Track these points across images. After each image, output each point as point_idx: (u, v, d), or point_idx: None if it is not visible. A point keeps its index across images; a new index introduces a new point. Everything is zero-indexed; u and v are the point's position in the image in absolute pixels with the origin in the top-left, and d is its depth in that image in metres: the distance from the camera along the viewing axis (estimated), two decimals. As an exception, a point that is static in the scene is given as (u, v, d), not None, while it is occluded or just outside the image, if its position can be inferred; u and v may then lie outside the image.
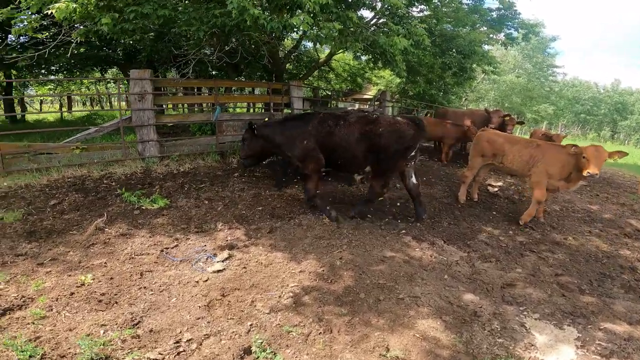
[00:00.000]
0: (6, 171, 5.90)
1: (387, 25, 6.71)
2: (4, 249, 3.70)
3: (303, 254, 3.95)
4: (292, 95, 8.37)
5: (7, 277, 3.17)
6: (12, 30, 5.62)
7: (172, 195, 5.36)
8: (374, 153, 4.67)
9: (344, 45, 6.18)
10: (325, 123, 4.79)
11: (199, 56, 6.53)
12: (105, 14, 5.02)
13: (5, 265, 3.40)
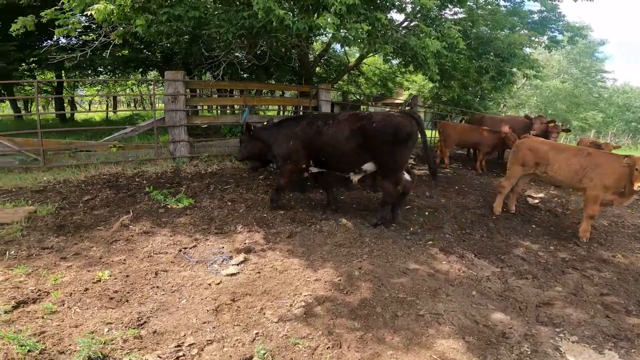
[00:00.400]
0: (47, 166, 6.25)
1: (418, 28, 6.49)
2: (32, 241, 3.84)
3: (321, 262, 3.80)
4: (320, 99, 8.32)
5: (29, 269, 3.27)
6: (56, 31, 5.94)
7: (198, 195, 5.42)
8: (368, 149, 4.55)
9: (373, 48, 6.03)
10: (314, 124, 4.76)
11: (229, 58, 6.61)
12: (139, 16, 5.19)
13: (30, 257, 3.51)
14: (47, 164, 6.32)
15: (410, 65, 8.22)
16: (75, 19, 5.82)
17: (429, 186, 7.12)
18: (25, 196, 5.05)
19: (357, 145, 4.55)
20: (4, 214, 4.37)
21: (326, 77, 12.36)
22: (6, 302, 2.78)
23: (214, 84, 7.68)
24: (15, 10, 7.62)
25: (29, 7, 7.56)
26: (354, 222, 4.91)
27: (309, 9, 5.50)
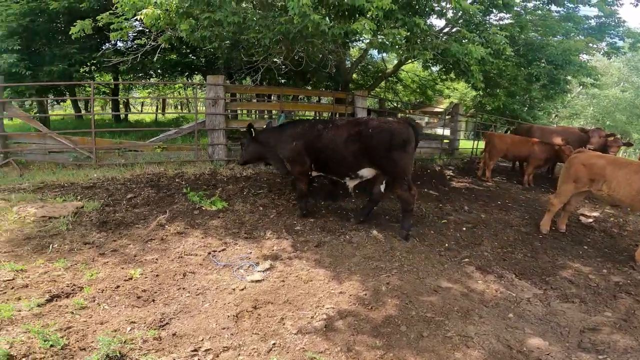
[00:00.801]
0: (98, 164, 6.67)
1: (460, 33, 6.25)
2: (75, 236, 4.06)
3: (347, 274, 3.72)
4: (356, 106, 8.24)
5: (68, 263, 3.46)
6: (111, 35, 6.32)
7: (231, 198, 5.52)
8: (366, 155, 4.59)
9: (411, 54, 5.87)
10: (314, 127, 4.86)
11: (267, 63, 6.72)
12: (184, 21, 5.41)
13: (71, 251, 3.72)
14: (99, 161, 6.75)
15: (452, 73, 7.91)
16: (127, 23, 6.15)
17: (468, 200, 6.81)
18: (75, 192, 5.40)
19: (355, 150, 4.60)
20: (53, 208, 4.69)
21: (363, 84, 12.24)
22: (40, 295, 2.94)
23: (252, 88, 7.86)
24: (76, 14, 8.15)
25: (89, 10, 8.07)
26: (385, 234, 4.78)
27: (345, 14, 5.47)
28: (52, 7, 8.53)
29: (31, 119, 7.39)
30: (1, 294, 2.93)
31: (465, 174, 9.06)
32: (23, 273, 3.24)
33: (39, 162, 6.69)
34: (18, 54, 8.57)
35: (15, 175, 6.23)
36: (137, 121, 18.67)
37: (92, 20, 6.26)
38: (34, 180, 5.86)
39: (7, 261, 3.40)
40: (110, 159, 6.89)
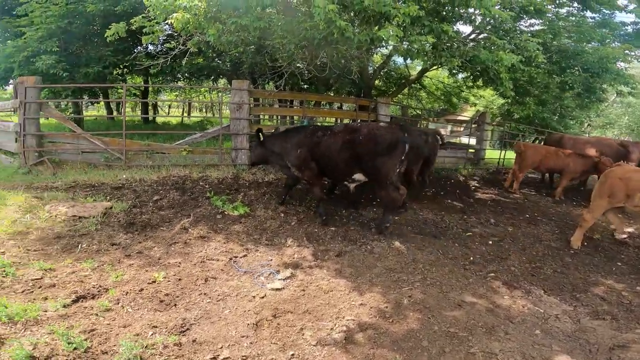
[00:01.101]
0: (128, 165, 6.86)
1: (489, 40, 6.09)
2: (103, 237, 4.17)
3: (368, 285, 3.66)
4: (379, 113, 8.15)
5: (95, 264, 3.54)
6: (143, 38, 6.48)
7: (253, 203, 5.55)
8: (358, 160, 4.74)
9: (438, 61, 5.78)
10: (315, 134, 5.04)
11: (291, 69, 6.75)
12: (211, 25, 5.51)
13: (98, 252, 3.82)
14: (128, 163, 6.94)
15: (480, 80, 7.72)
16: (159, 27, 6.29)
17: (495, 212, 6.61)
18: (105, 192, 5.56)
19: (348, 156, 4.76)
20: (83, 207, 4.85)
21: (385, 90, 12.10)
22: (67, 295, 3.01)
23: (275, 94, 7.91)
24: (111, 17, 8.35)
25: (123, 14, 8.22)
26: (408, 245, 4.70)
27: (370, 20, 5.43)
28: (89, 10, 8.72)
29: (66, 119, 7.63)
30: (29, 292, 3.02)
31: (490, 185, 8.81)
32: (51, 272, 3.34)
33: (72, 162, 6.93)
34: (56, 55, 8.75)
35: (49, 173, 6.48)
36: (164, 123, 19.16)
37: (126, 23, 6.42)
38: (67, 179, 6.09)
39: (36, 260, 3.52)
40: (138, 161, 7.08)
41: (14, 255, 3.55)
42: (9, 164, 7.07)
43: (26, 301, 2.87)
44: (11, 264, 3.33)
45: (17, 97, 6.83)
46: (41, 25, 8.88)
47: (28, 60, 8.78)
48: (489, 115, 11.73)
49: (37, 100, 6.90)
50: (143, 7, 5.94)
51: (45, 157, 6.85)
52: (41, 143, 6.97)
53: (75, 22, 9.26)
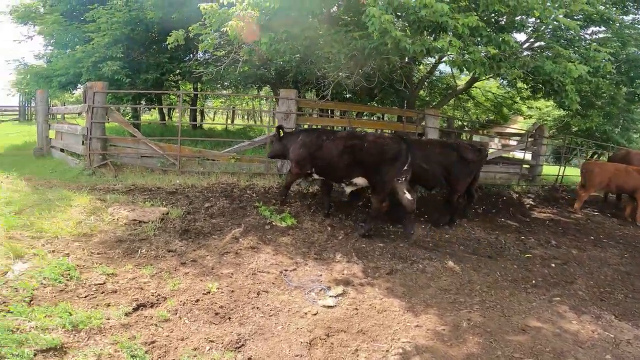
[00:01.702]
0: (181, 171, 7.12)
1: (552, 49, 5.75)
2: (160, 242, 4.27)
3: (423, 307, 3.53)
4: (427, 125, 7.86)
5: (154, 271, 3.63)
6: (200, 46, 6.70)
7: (299, 215, 5.53)
8: (360, 166, 5.00)
9: (496, 72, 5.52)
10: (320, 137, 5.38)
11: (338, 79, 6.72)
12: (264, 34, 5.60)
13: (156, 258, 3.91)
14: (181, 168, 7.21)
15: (541, 92, 7.29)
16: (214, 35, 6.44)
17: (555, 233, 6.19)
18: (161, 197, 5.76)
19: (349, 160, 5.03)
20: (143, 212, 5.04)
21: (430, 101, 11.72)
22: (128, 303, 3.07)
23: (322, 103, 7.85)
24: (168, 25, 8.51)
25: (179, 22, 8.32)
26: (462, 266, 4.51)
27: (425, 30, 5.30)
28: (149, 17, 9.11)
29: (128, 124, 8.00)
30: (92, 298, 3.11)
31: (547, 203, 8.27)
32: (113, 277, 3.45)
33: (131, 165, 7.30)
34: (120, 61, 9.16)
35: (111, 176, 6.86)
36: (210, 129, 19.83)
37: (184, 31, 6.65)
38: (126, 182, 6.40)
39: (99, 263, 3.65)
40: (190, 167, 7.32)
41: (78, 257, 3.72)
42: (74, 165, 7.56)
43: (89, 307, 2.96)
44: (75, 267, 3.47)
45: (86, 102, 7.31)
46: (107, 31, 9.25)
47: (95, 65, 9.15)
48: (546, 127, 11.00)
49: (104, 105, 7.30)
50: (199, 15, 6.14)
51: (109, 160, 7.26)
52: (105, 146, 7.39)
53: (137, 29, 9.62)
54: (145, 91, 9.89)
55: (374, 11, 4.47)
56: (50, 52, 12.49)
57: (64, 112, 10.74)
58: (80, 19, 10.55)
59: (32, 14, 12.17)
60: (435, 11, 4.48)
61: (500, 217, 6.83)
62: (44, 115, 9.67)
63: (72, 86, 11.56)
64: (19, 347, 2.40)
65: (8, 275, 3.22)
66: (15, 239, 3.92)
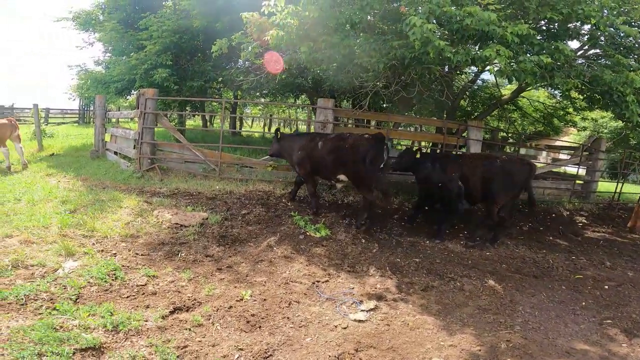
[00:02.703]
0: (220, 177, 7.36)
1: (611, 58, 5.37)
2: (199, 247, 4.42)
3: (459, 326, 3.39)
4: (469, 137, 7.54)
5: (191, 275, 3.76)
6: (242, 54, 6.89)
7: (333, 226, 5.51)
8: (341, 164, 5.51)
9: (549, 82, 5.22)
10: (314, 140, 5.88)
11: (376, 88, 6.65)
12: (303, 43, 5.67)
13: (195, 262, 4.06)
14: (221, 174, 7.45)
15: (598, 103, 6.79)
16: (255, 43, 6.54)
17: (609, 254, 5.74)
18: (201, 202, 5.98)
19: (335, 159, 5.53)
20: (184, 216, 5.26)
21: (471, 111, 11.22)
22: (166, 306, 3.19)
23: (360, 113, 7.76)
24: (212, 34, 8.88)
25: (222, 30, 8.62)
26: (504, 285, 4.29)
27: (469, 39, 5.13)
28: (195, 26, 9.45)
29: (175, 130, 8.39)
30: (133, 299, 3.27)
31: (602, 221, 7.65)
32: (154, 279, 3.61)
33: (175, 170, 7.66)
34: (169, 69, 9.60)
35: (157, 179, 7.23)
36: (248, 136, 20.35)
37: (227, 39, 6.87)
38: (170, 186, 6.71)
39: (142, 265, 3.85)
40: (229, 173, 7.54)
41: (124, 258, 3.94)
42: (126, 168, 8.04)
43: (130, 308, 3.12)
44: (121, 267, 3.68)
45: (139, 107, 7.77)
46: (158, 39, 9.68)
47: (147, 72, 9.64)
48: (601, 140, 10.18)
49: (155, 111, 7.72)
50: (241, 25, 6.32)
51: (156, 164, 7.66)
52: (154, 151, 7.79)
53: (184, 37, 10.03)
54: (192, 98, 10.29)
55: (415, 20, 4.40)
56: (108, 58, 13.34)
57: (119, 116, 11.47)
58: (135, 27, 11.13)
59: (93, 21, 13.01)
60: (481, 20, 4.32)
61: (548, 236, 6.44)
62: (102, 119, 10.40)
63: (127, 92, 12.17)
64: (60, 345, 2.54)
65: (58, 273, 3.47)
66: (68, 237, 4.23)
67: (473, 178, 5.51)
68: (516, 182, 5.48)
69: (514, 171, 5.46)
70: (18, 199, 5.42)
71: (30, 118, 19.29)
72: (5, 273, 3.33)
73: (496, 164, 5.53)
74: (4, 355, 2.40)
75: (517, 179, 5.47)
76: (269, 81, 10.08)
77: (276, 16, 5.58)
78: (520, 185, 5.53)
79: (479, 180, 5.49)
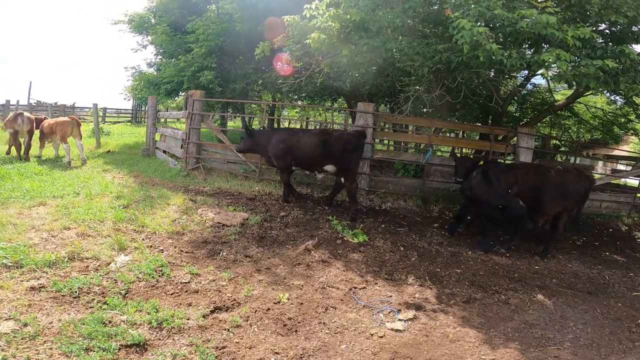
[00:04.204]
0: (260, 178, 7.53)
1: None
2: (239, 247, 4.53)
3: (502, 340, 3.25)
4: (519, 145, 7.14)
5: (231, 275, 3.85)
6: (284, 58, 6.98)
7: (371, 232, 5.46)
8: (331, 157, 6.00)
9: (612, 87, 4.87)
10: (296, 134, 6.36)
11: (418, 92, 6.49)
12: (345, 46, 5.65)
13: (235, 262, 4.16)
14: (260, 176, 7.61)
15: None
16: (297, 46, 6.53)
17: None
18: (242, 202, 6.15)
19: (322, 152, 5.99)
20: (226, 216, 5.42)
21: (520, 117, 10.60)
22: (207, 305, 3.28)
23: (401, 118, 7.56)
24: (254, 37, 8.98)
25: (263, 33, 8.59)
26: (554, 301, 4.07)
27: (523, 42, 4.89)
28: (237, 29, 9.69)
29: (219, 131, 8.65)
30: (177, 296, 3.39)
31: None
32: (197, 277, 3.74)
33: (217, 170, 7.93)
34: (214, 71, 9.89)
35: (201, 178, 7.52)
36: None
37: (269, 42, 6.96)
38: (213, 186, 6.96)
39: (187, 262, 4.01)
40: (269, 175, 7.68)
41: (170, 254, 4.13)
42: (173, 166, 8.44)
43: (174, 305, 3.23)
44: (167, 264, 3.85)
45: (186, 108, 8.13)
46: (204, 42, 10.02)
47: (194, 74, 10.02)
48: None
49: (201, 112, 8.04)
50: (282, 28, 6.40)
51: (201, 163, 7.98)
52: (199, 151, 8.11)
53: (227, 40, 10.32)
54: (236, 100, 10.57)
55: (464, 23, 4.25)
56: (160, 60, 14.05)
57: (169, 117, 12.07)
58: (182, 30, 11.59)
59: (145, 24, 13.75)
60: (537, 23, 4.11)
61: (604, 251, 6.00)
62: (153, 119, 11.00)
63: (175, 93, 12.75)
64: (107, 340, 2.63)
65: (111, 266, 3.68)
66: (121, 231, 4.50)
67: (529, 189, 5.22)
68: (571, 194, 5.15)
69: (570, 183, 5.16)
70: (77, 193, 5.84)
71: (90, 117, 20.82)
72: (62, 265, 3.55)
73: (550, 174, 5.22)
74: (53, 349, 2.51)
75: (572, 190, 5.15)
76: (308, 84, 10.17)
77: (317, 19, 5.62)
78: (575, 198, 5.20)
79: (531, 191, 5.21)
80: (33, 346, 2.51)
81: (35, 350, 2.48)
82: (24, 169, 7.42)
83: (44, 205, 5.13)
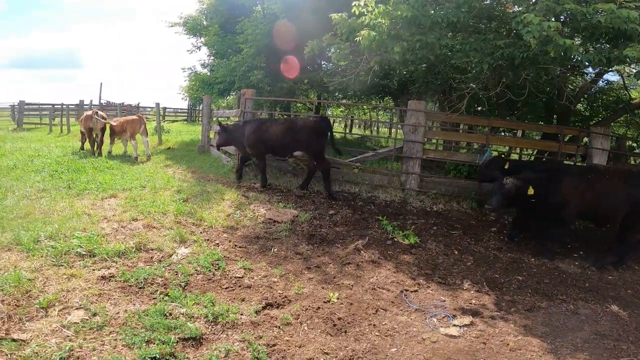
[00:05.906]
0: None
1: None
2: (290, 244, 4.61)
3: (570, 350, 3.03)
4: (592, 146, 6.55)
5: (282, 271, 3.91)
6: (333, 56, 6.98)
7: (422, 234, 5.31)
8: (298, 143, 6.62)
9: None
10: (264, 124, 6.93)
11: (473, 91, 6.16)
12: (396, 43, 5.51)
13: (286, 259, 4.23)
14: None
15: None
16: (345, 45, 6.54)
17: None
18: (291, 199, 6.26)
19: (291, 139, 6.59)
20: (277, 212, 5.53)
21: (590, 116, 9.68)
22: (259, 300, 3.35)
23: (456, 117, 7.19)
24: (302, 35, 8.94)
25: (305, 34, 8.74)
26: (630, 312, 3.75)
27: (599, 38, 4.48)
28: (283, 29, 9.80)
29: None
30: (231, 290, 3.50)
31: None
32: (250, 272, 3.84)
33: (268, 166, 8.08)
34: (263, 70, 10.17)
35: (252, 175, 7.76)
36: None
37: (317, 40, 6.94)
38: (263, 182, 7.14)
39: (240, 257, 4.14)
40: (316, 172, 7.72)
41: (225, 248, 4.29)
42: (226, 163, 8.79)
43: (228, 300, 3.32)
44: (223, 258, 4.00)
45: (239, 107, 8.43)
46: (252, 42, 10.29)
47: (245, 74, 10.35)
48: None
49: (252, 110, 8.30)
50: (329, 26, 6.35)
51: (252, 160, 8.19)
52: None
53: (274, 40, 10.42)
54: (284, 98, 10.77)
55: (531, 17, 3.99)
56: (212, 61, 14.65)
57: (222, 115, 12.61)
58: (232, 31, 11.97)
59: (198, 26, 14.39)
60: (617, 17, 3.76)
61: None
62: (208, 117, 11.53)
63: (227, 93, 13.23)
64: (167, 333, 2.71)
65: (173, 258, 3.89)
66: (181, 224, 4.76)
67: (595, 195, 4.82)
68: None
69: None
70: (143, 186, 6.28)
71: (152, 116, 22.32)
72: (130, 255, 3.80)
73: None
74: (117, 340, 2.57)
75: None
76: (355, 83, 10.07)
77: (366, 16, 5.53)
78: None
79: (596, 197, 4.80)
80: (99, 337, 2.61)
81: (100, 341, 2.57)
82: (97, 163, 8.12)
83: (115, 197, 5.57)
